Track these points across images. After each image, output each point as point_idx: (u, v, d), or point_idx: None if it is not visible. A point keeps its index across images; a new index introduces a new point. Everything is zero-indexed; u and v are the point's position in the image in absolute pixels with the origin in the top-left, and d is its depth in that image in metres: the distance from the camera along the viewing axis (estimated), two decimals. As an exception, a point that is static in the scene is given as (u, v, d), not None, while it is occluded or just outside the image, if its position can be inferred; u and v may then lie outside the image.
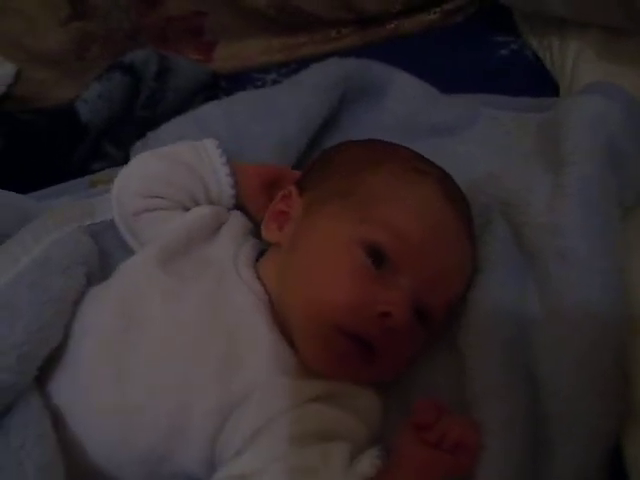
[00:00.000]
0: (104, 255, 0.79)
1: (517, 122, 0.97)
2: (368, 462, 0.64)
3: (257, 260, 0.78)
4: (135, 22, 1.23)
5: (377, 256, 0.69)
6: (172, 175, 0.81)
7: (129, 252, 0.81)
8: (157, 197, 0.80)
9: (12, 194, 0.89)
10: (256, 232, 0.82)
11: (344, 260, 0.69)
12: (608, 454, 0.64)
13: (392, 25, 1.25)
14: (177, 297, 0.71)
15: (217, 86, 1.20)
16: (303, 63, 1.07)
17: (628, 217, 0.75)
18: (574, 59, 1.04)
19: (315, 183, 0.79)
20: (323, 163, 0.82)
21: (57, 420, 0.66)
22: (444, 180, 0.77)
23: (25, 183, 0.94)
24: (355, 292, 0.67)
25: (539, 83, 1.11)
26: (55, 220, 0.80)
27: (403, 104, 0.99)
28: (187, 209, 0.81)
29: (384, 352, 0.68)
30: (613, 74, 0.96)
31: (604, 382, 0.64)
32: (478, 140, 0.97)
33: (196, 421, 0.66)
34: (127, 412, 0.66)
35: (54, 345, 0.68)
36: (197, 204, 0.82)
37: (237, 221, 0.82)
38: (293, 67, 1.22)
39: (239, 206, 0.84)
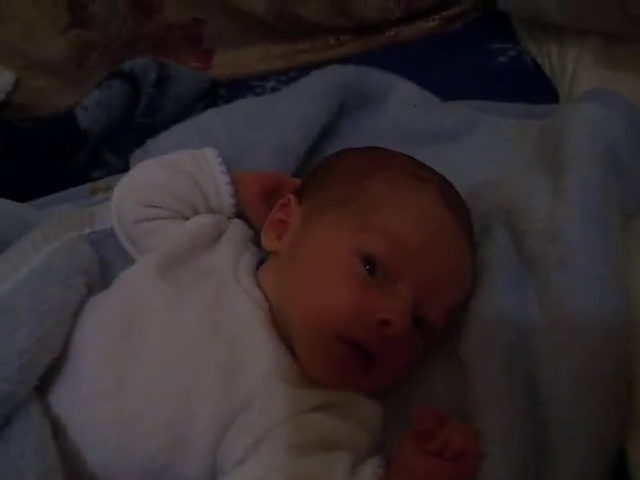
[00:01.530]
0: (104, 264, 0.79)
1: (517, 129, 0.97)
2: (370, 471, 0.64)
3: (257, 268, 0.78)
4: (134, 30, 1.23)
5: (373, 265, 0.69)
6: (172, 184, 0.81)
7: (129, 261, 0.81)
8: (157, 207, 0.80)
9: (12, 202, 0.89)
10: (256, 240, 0.82)
11: (342, 269, 0.69)
12: (610, 460, 0.64)
13: (391, 32, 1.26)
14: (177, 305, 0.71)
15: (216, 94, 1.20)
16: (302, 71, 1.08)
17: (629, 224, 0.75)
18: (573, 66, 1.04)
19: (314, 191, 0.79)
20: (322, 171, 0.82)
21: (57, 429, 0.65)
22: (444, 187, 0.77)
23: (24, 190, 0.94)
24: (353, 300, 0.67)
25: (538, 90, 1.11)
26: (54, 229, 0.80)
27: (403, 111, 0.99)
28: (187, 218, 0.81)
29: (383, 360, 0.68)
30: (612, 80, 0.96)
31: (604, 388, 0.64)
32: (478, 147, 0.96)
33: (196, 430, 0.66)
34: (126, 420, 0.66)
35: (55, 355, 0.67)
36: (197, 213, 0.82)
37: (237, 229, 0.81)
38: (292, 75, 1.22)
39: (239, 214, 0.84)
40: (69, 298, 0.70)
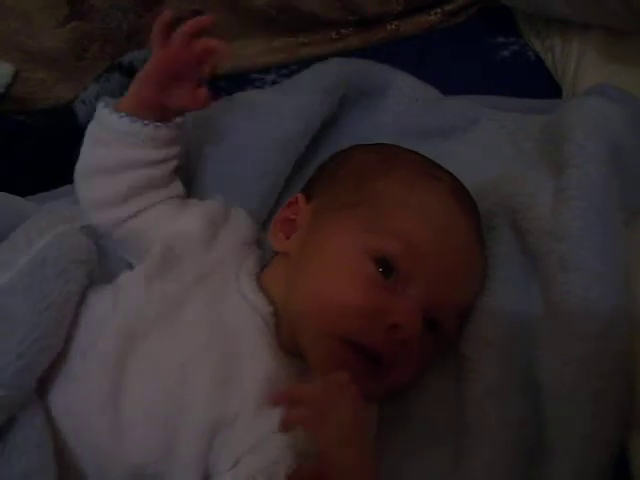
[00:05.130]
0: (103, 256, 0.77)
1: (519, 124, 0.97)
2: None
3: (261, 269, 0.77)
4: (134, 22, 1.22)
5: (387, 267, 0.68)
6: (107, 160, 0.74)
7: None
8: (128, 199, 0.74)
9: (11, 196, 0.88)
10: (259, 239, 0.81)
11: (355, 272, 0.68)
12: (609, 460, 0.64)
13: (393, 26, 1.24)
14: (173, 316, 0.70)
15: (216, 87, 1.19)
16: (303, 64, 1.07)
17: (632, 221, 0.75)
18: (577, 60, 1.04)
19: (323, 190, 0.78)
20: (331, 169, 0.81)
21: (54, 431, 0.65)
22: (456, 185, 0.77)
23: (22, 185, 0.93)
24: (365, 303, 0.66)
25: (541, 84, 1.11)
26: (49, 221, 0.77)
27: (404, 106, 0.98)
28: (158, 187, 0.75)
29: (393, 365, 0.67)
30: (616, 75, 0.96)
31: (604, 388, 0.64)
32: (480, 142, 0.96)
33: (185, 439, 0.65)
34: (119, 428, 0.65)
35: (54, 354, 0.66)
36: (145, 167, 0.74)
37: (239, 226, 0.79)
38: (293, 68, 1.21)
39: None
40: (68, 292, 0.68)
